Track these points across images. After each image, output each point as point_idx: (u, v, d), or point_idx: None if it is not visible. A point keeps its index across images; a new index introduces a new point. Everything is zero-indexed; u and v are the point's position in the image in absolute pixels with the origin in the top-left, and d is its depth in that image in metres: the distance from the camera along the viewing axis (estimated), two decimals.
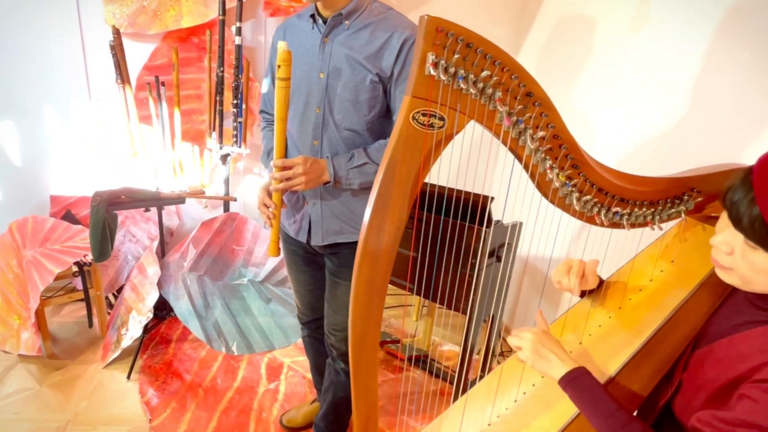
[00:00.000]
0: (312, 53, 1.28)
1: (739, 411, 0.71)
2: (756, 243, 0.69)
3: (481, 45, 0.74)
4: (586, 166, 0.82)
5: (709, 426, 0.73)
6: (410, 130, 0.79)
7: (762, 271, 0.70)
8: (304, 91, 1.31)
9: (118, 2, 2.25)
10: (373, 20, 1.24)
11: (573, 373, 0.84)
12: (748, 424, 0.69)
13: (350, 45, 1.24)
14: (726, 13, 1.47)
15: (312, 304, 1.66)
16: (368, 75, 1.24)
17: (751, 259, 0.71)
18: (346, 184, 1.32)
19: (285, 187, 1.28)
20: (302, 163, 1.26)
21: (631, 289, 0.99)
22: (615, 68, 1.96)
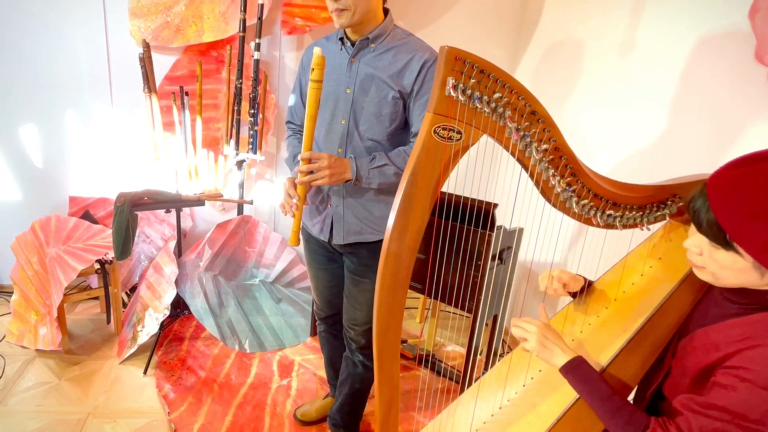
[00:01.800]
0: (340, 71, 1.41)
1: (712, 396, 0.82)
2: (717, 243, 0.81)
3: (493, 71, 0.86)
4: (583, 175, 0.94)
5: (688, 408, 0.85)
6: (432, 142, 0.90)
7: (727, 267, 0.82)
8: (332, 104, 1.44)
9: (144, 17, 2.39)
10: (396, 44, 1.38)
11: (572, 362, 0.96)
12: (718, 408, 0.80)
13: (375, 65, 1.37)
14: (703, 40, 1.64)
15: (330, 301, 1.76)
16: (391, 92, 1.37)
17: (716, 257, 0.83)
18: (366, 183, 1.41)
19: (309, 180, 1.36)
20: (327, 158, 1.35)
21: (625, 283, 1.12)
22: (605, 88, 2.13)
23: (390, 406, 1.11)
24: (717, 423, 0.80)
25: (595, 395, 0.94)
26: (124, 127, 2.61)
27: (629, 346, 1.02)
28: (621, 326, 1.05)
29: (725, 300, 0.91)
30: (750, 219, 0.76)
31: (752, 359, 0.80)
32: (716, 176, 0.81)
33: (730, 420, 0.79)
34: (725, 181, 0.79)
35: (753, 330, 0.83)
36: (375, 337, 1.02)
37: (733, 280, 0.84)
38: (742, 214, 0.76)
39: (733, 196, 0.77)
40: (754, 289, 0.84)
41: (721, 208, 0.78)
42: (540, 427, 1.01)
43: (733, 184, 0.78)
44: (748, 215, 0.76)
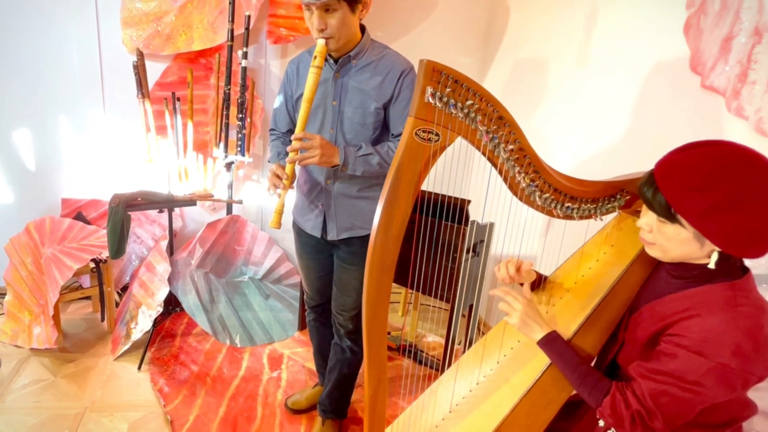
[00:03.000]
0: (326, 85, 1.54)
1: (658, 362, 0.95)
2: (664, 218, 0.94)
3: (466, 82, 0.98)
4: (544, 172, 1.08)
5: (639, 374, 0.98)
6: (413, 143, 1.01)
7: (672, 239, 0.95)
8: (320, 115, 1.57)
9: (135, 26, 2.49)
10: (374, 59, 1.52)
11: (548, 336, 1.09)
12: (663, 372, 0.93)
13: (358, 79, 1.51)
14: (646, 53, 1.83)
15: (320, 290, 1.86)
16: (373, 103, 1.51)
17: (664, 231, 0.96)
18: (352, 169, 1.50)
19: (300, 158, 1.43)
20: (320, 139, 1.44)
21: (583, 268, 1.26)
22: (565, 94, 2.32)
23: (378, 386, 1.18)
24: (662, 386, 0.92)
25: (567, 364, 1.07)
26: (116, 131, 2.70)
27: (588, 322, 1.15)
28: (581, 305, 1.19)
29: (669, 276, 1.05)
30: (690, 192, 0.88)
31: (689, 328, 0.92)
32: (663, 160, 0.95)
33: (673, 383, 0.91)
34: (670, 163, 0.93)
35: (691, 302, 0.96)
36: (364, 319, 1.09)
37: (678, 252, 0.96)
38: (684, 188, 0.89)
39: (677, 174, 0.91)
40: (694, 264, 0.98)
41: (666, 185, 0.91)
42: (512, 397, 1.14)
43: (677, 164, 0.91)
44: (689, 189, 0.88)
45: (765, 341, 0.89)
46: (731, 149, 0.90)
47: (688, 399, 0.90)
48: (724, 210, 0.87)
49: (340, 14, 1.39)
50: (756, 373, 0.89)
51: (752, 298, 0.94)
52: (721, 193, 0.86)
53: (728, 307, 0.91)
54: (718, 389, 0.89)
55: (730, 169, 0.87)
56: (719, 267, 0.94)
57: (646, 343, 1.03)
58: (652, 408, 0.93)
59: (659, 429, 0.94)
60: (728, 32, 1.45)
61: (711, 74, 1.51)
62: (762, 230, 0.88)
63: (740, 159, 0.88)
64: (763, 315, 0.91)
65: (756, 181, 0.86)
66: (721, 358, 0.87)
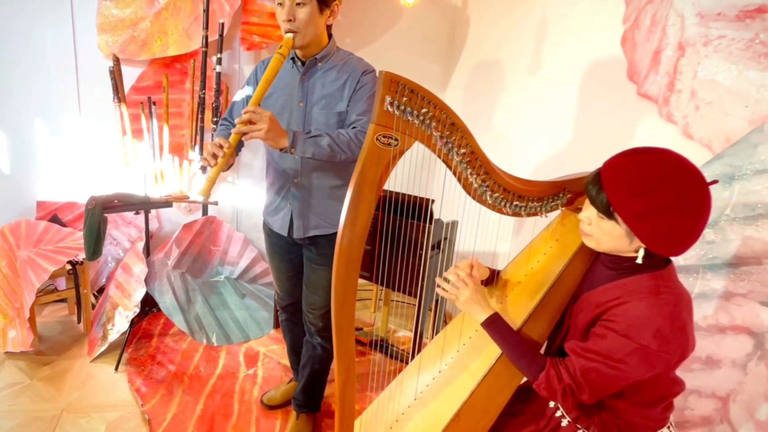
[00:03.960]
0: (292, 86, 1.61)
1: (590, 342, 1.06)
2: (603, 214, 1.04)
3: (421, 91, 1.06)
4: (494, 173, 1.18)
5: (573, 352, 1.08)
6: (375, 148, 1.08)
7: (607, 233, 1.06)
8: (287, 115, 1.64)
9: (111, 32, 2.54)
10: (338, 63, 1.61)
11: (491, 317, 1.19)
12: (593, 351, 1.03)
13: (323, 82, 1.59)
14: (590, 62, 1.99)
15: (290, 290, 1.93)
16: (337, 105, 1.59)
17: (601, 226, 1.06)
18: (301, 151, 1.47)
19: (247, 130, 1.39)
20: (270, 115, 1.41)
21: (531, 263, 1.36)
22: (521, 99, 2.48)
23: (348, 376, 1.21)
24: (592, 363, 1.02)
25: (507, 343, 1.17)
26: (92, 134, 2.73)
27: (536, 312, 1.25)
28: (529, 296, 1.29)
29: (605, 268, 1.15)
30: (629, 195, 0.98)
31: (618, 313, 1.03)
32: (610, 161, 1.05)
33: (601, 360, 1.01)
34: (615, 166, 1.03)
35: (621, 291, 1.06)
36: (333, 312, 1.13)
37: (611, 245, 1.07)
38: (624, 190, 0.99)
39: (620, 177, 1.00)
40: (624, 257, 1.08)
41: (609, 186, 1.01)
42: (471, 383, 1.22)
43: (621, 168, 1.01)
44: (628, 192, 0.99)
45: (682, 325, 0.99)
46: (670, 159, 1.00)
47: (613, 375, 1.00)
48: (656, 215, 0.97)
49: (308, 9, 1.47)
50: (674, 353, 1.00)
51: (672, 286, 1.04)
52: (655, 199, 0.97)
53: (651, 295, 1.02)
54: (640, 367, 0.99)
55: (666, 179, 0.97)
56: (646, 260, 1.04)
57: (585, 328, 1.12)
58: (582, 382, 1.03)
59: (586, 400, 1.05)
60: (657, 46, 1.60)
61: (645, 83, 1.64)
62: (685, 235, 0.99)
63: (677, 170, 0.98)
64: (681, 302, 1.02)
65: (688, 192, 0.97)
66: (643, 340, 0.97)
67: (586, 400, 1.05)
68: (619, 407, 1.12)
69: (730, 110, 1.41)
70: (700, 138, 1.50)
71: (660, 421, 1.15)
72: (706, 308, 1.45)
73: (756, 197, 1.33)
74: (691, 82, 1.48)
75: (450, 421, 1.19)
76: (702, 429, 1.51)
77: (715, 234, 1.41)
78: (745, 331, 1.39)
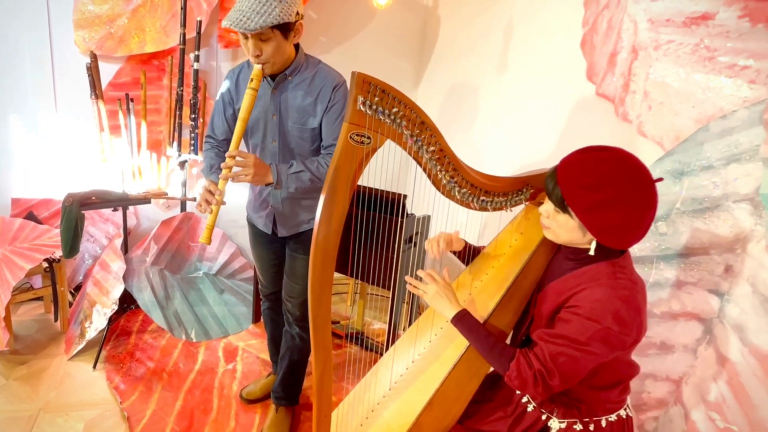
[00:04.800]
0: (265, 99, 1.63)
1: (557, 328, 1.11)
2: (559, 208, 1.11)
3: (392, 91, 1.11)
4: (462, 170, 1.24)
5: (541, 339, 1.13)
6: (348, 146, 1.12)
7: (563, 226, 1.13)
8: (262, 127, 1.67)
9: (88, 28, 2.53)
10: (308, 75, 1.62)
11: (459, 314, 1.24)
12: (560, 336, 1.09)
13: (294, 94, 1.62)
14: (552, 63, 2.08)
15: (273, 278, 1.97)
16: (309, 118, 1.62)
17: (557, 219, 1.13)
18: (285, 187, 1.58)
19: (233, 175, 1.48)
20: (253, 158, 1.50)
21: (498, 254, 1.43)
22: (489, 98, 2.58)
23: (324, 367, 1.23)
24: (559, 347, 1.08)
25: (476, 337, 1.22)
26: (69, 131, 2.72)
27: (502, 302, 1.31)
28: (496, 288, 1.34)
29: (565, 259, 1.22)
30: (580, 190, 1.05)
31: (581, 299, 1.09)
32: (566, 158, 1.11)
33: (568, 344, 1.07)
34: (570, 162, 1.09)
35: (581, 279, 1.13)
36: (310, 306, 1.16)
37: (566, 237, 1.14)
38: (576, 186, 1.06)
39: (572, 172, 1.07)
40: (582, 249, 1.15)
41: (563, 181, 1.08)
42: (443, 371, 1.27)
43: (574, 164, 1.08)
44: (579, 187, 1.05)
45: (637, 308, 1.06)
46: (619, 157, 1.07)
47: (579, 358, 1.06)
48: (604, 208, 1.04)
49: (274, 42, 1.48)
50: (631, 334, 1.06)
51: (628, 273, 1.11)
52: (603, 194, 1.04)
53: (609, 280, 1.09)
54: (603, 349, 1.05)
55: (614, 175, 1.04)
56: (602, 250, 1.11)
57: (549, 316, 1.19)
58: (552, 367, 1.08)
59: (556, 386, 1.09)
60: (613, 49, 1.68)
61: (602, 84, 1.73)
62: (631, 228, 1.06)
63: (624, 167, 1.05)
64: (636, 286, 1.09)
65: (634, 187, 1.04)
66: (604, 322, 1.04)
67: (556, 386, 1.10)
68: (579, 391, 1.18)
69: (679, 110, 1.50)
70: (653, 136, 1.59)
71: (618, 403, 1.22)
72: (661, 296, 1.54)
73: (703, 192, 1.43)
74: (644, 84, 1.58)
75: (423, 409, 1.23)
76: (657, 411, 1.60)
77: (667, 226, 1.50)
78: (695, 318, 1.48)
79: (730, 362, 1.40)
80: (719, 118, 1.38)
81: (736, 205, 1.36)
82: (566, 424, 1.20)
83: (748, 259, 1.35)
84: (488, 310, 1.30)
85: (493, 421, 1.29)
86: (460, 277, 1.48)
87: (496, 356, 1.18)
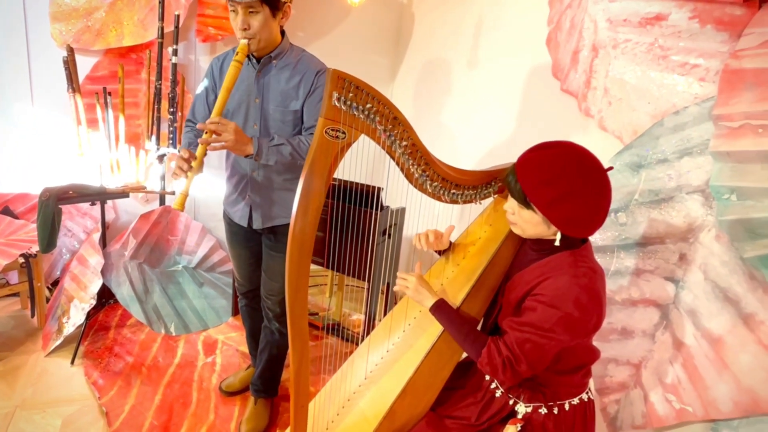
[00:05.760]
0: (249, 83, 1.67)
1: (523, 316, 1.17)
2: (522, 204, 1.16)
3: (366, 88, 1.14)
4: (433, 164, 1.28)
5: (509, 327, 1.19)
6: (324, 140, 1.14)
7: (528, 221, 1.18)
8: (244, 111, 1.70)
9: (65, 21, 2.51)
10: (292, 60, 1.67)
11: (437, 303, 1.30)
12: (526, 324, 1.14)
13: (278, 78, 1.66)
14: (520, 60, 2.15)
15: (250, 276, 2.00)
16: (292, 102, 1.66)
17: (522, 215, 1.19)
18: (265, 159, 1.59)
19: (214, 140, 1.48)
20: (234, 125, 1.50)
21: (469, 245, 1.48)
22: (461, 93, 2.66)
23: (302, 358, 1.25)
24: (526, 334, 1.13)
25: (452, 325, 1.28)
26: (46, 124, 2.70)
27: (473, 291, 1.36)
28: (467, 277, 1.39)
29: (531, 250, 1.28)
30: (540, 186, 1.11)
31: (545, 287, 1.15)
32: (522, 157, 1.17)
33: (534, 331, 1.13)
34: (527, 160, 1.15)
35: (546, 269, 1.19)
36: (287, 298, 1.17)
37: (533, 231, 1.19)
38: (536, 182, 1.11)
39: (531, 170, 1.13)
40: (546, 240, 1.21)
41: (523, 179, 1.13)
42: (416, 360, 1.32)
43: (531, 162, 1.14)
44: (539, 183, 1.11)
45: (597, 295, 1.13)
46: (570, 151, 1.13)
47: (544, 344, 1.12)
48: (563, 201, 1.10)
49: (261, 16, 1.53)
50: (592, 320, 1.13)
51: (588, 262, 1.18)
52: (561, 187, 1.09)
53: (571, 269, 1.14)
54: (566, 334, 1.11)
55: (569, 168, 1.10)
56: (565, 241, 1.17)
57: (516, 305, 1.24)
58: (519, 354, 1.14)
59: (524, 372, 1.15)
60: (576, 47, 1.76)
61: (567, 80, 1.81)
62: (590, 217, 1.12)
63: (576, 160, 1.12)
64: (595, 275, 1.15)
65: (588, 178, 1.10)
66: (567, 309, 1.10)
67: (524, 372, 1.16)
68: (544, 376, 1.24)
69: (636, 106, 1.58)
70: (613, 130, 1.67)
71: (580, 386, 1.29)
72: (621, 284, 1.63)
73: (659, 183, 1.51)
74: (604, 81, 1.66)
75: (397, 397, 1.28)
76: (619, 394, 1.69)
77: (627, 217, 1.58)
78: (653, 304, 1.57)
79: (685, 346, 1.49)
80: (672, 113, 1.47)
81: (689, 197, 1.45)
82: (532, 408, 1.27)
83: (700, 248, 1.44)
84: (459, 300, 1.35)
85: (463, 407, 1.34)
86: (433, 267, 1.53)
87: (471, 343, 1.24)
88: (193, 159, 1.51)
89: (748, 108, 1.29)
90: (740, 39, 1.33)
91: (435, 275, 1.50)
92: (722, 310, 1.39)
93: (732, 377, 1.39)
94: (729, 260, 1.37)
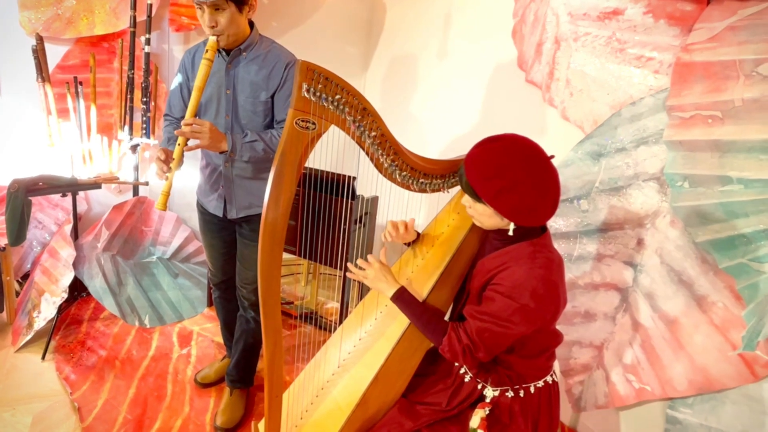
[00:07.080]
0: (219, 75, 1.68)
1: (483, 305, 1.21)
2: (474, 199, 1.20)
3: (335, 79, 1.16)
4: (402, 154, 1.31)
5: (470, 315, 1.22)
6: (294, 131, 1.16)
7: (482, 214, 1.21)
8: (215, 103, 1.71)
9: (34, 9, 2.46)
10: (262, 52, 1.69)
11: (398, 291, 1.32)
12: (485, 313, 1.18)
13: (248, 70, 1.67)
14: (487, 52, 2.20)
15: (223, 267, 2.00)
16: (262, 93, 1.68)
17: (476, 208, 1.22)
18: (239, 155, 1.64)
19: (190, 135, 1.52)
20: (209, 125, 1.55)
21: (437, 234, 1.51)
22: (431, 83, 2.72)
23: (275, 346, 1.26)
24: (485, 324, 1.17)
25: (413, 312, 1.31)
26: (14, 115, 2.64)
27: (440, 280, 1.38)
28: (435, 266, 1.42)
29: (493, 239, 1.31)
30: (484, 181, 1.15)
31: (503, 277, 1.18)
32: (469, 153, 1.21)
33: (492, 321, 1.16)
34: (472, 157, 1.18)
35: (506, 258, 1.22)
36: (260, 287, 1.18)
37: (489, 223, 1.23)
38: (481, 178, 1.15)
39: (475, 166, 1.16)
40: (505, 230, 1.23)
41: (470, 174, 1.17)
42: (387, 347, 1.35)
43: (475, 158, 1.17)
44: (483, 178, 1.15)
45: (554, 286, 1.16)
46: (512, 144, 1.17)
47: (502, 333, 1.16)
48: (507, 192, 1.13)
49: (228, 13, 1.54)
50: (549, 309, 1.17)
51: (546, 252, 1.21)
52: (504, 180, 1.13)
53: (529, 260, 1.18)
54: (523, 325, 1.15)
55: (509, 161, 1.14)
56: (523, 230, 1.21)
57: (478, 292, 1.28)
58: (477, 341, 1.18)
59: (482, 358, 1.20)
60: (539, 39, 1.82)
61: (531, 71, 1.87)
62: (536, 205, 1.15)
63: (517, 152, 1.15)
64: (552, 264, 1.19)
65: (530, 169, 1.14)
66: (523, 300, 1.13)
67: (482, 358, 1.20)
68: (510, 361, 1.29)
69: (596, 97, 1.64)
70: (575, 120, 1.73)
71: (545, 369, 1.34)
72: (584, 269, 1.69)
73: (618, 172, 1.58)
74: (566, 72, 1.71)
75: (369, 384, 1.31)
76: (583, 375, 1.76)
77: (588, 204, 1.65)
78: (614, 288, 1.64)
79: (643, 327, 1.56)
80: (629, 104, 1.53)
81: (646, 184, 1.52)
82: (499, 392, 1.31)
83: (656, 233, 1.51)
84: (428, 288, 1.38)
85: (434, 393, 1.37)
86: (403, 256, 1.57)
87: (432, 331, 1.28)
88: (170, 160, 1.53)
89: (698, 99, 1.36)
90: (690, 33, 1.39)
91: (405, 263, 1.52)
92: (677, 292, 1.47)
93: (687, 357, 1.46)
94: (683, 245, 1.45)
